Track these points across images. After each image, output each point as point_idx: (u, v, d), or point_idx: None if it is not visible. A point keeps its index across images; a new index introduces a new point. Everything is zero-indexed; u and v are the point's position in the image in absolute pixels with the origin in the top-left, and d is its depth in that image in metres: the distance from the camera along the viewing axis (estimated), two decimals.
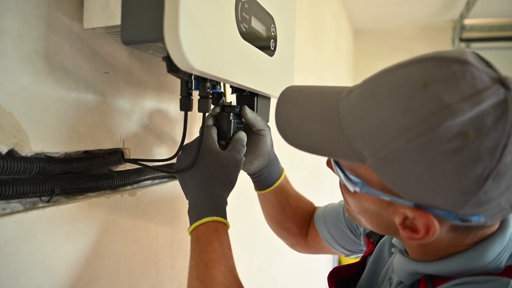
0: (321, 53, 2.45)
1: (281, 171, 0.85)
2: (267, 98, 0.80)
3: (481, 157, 0.38)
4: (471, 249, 0.47)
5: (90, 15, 0.54)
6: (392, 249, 0.60)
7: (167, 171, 0.69)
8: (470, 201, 0.40)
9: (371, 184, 0.47)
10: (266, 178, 0.82)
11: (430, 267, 0.50)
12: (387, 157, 0.42)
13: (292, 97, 0.55)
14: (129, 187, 0.72)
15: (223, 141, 0.71)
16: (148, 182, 0.78)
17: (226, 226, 0.61)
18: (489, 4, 3.17)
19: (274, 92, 0.74)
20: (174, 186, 0.83)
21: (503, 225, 0.49)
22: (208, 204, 0.60)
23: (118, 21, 0.49)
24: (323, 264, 3.19)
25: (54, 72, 0.54)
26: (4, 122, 0.47)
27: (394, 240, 0.61)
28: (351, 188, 0.50)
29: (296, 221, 0.90)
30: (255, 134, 0.76)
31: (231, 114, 0.70)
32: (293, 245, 0.95)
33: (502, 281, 0.44)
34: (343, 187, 0.54)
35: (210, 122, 0.70)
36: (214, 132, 0.68)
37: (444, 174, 0.40)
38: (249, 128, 0.76)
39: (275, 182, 0.83)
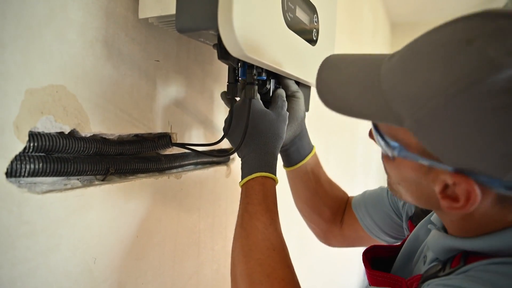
0: (358, 47, 2.43)
1: (311, 147, 0.84)
2: (308, 87, 0.82)
3: None
4: None
5: (145, 5, 0.57)
6: (429, 226, 0.59)
7: (216, 155, 0.73)
8: None
9: (410, 148, 0.45)
10: (297, 150, 0.81)
11: (468, 243, 0.48)
12: (426, 117, 0.40)
13: (334, 63, 0.55)
14: (175, 170, 0.75)
15: (263, 99, 0.72)
16: (192, 166, 0.81)
17: (274, 181, 0.65)
18: None
19: (315, 81, 0.76)
20: (215, 172, 0.86)
21: None
22: (259, 161, 0.64)
23: (172, 11, 0.52)
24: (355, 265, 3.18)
25: (112, 59, 0.57)
26: (68, 104, 0.52)
27: (433, 218, 0.60)
28: (390, 153, 0.49)
29: (330, 205, 0.87)
30: (289, 98, 0.76)
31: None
32: (325, 234, 0.91)
33: None
34: (383, 155, 0.54)
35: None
36: (257, 94, 0.69)
37: (487, 134, 0.37)
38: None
39: (306, 156, 0.82)
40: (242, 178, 0.65)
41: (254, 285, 0.54)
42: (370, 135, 0.56)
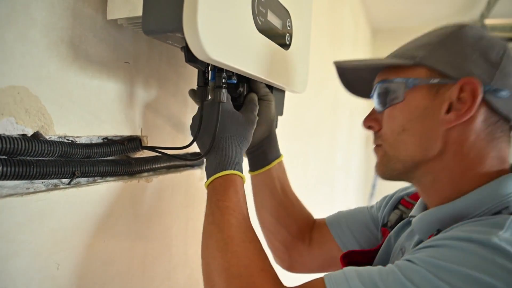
0: (338, 52, 2.45)
1: (279, 154, 0.82)
2: (282, 91, 0.82)
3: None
4: (488, 184, 0.54)
5: (113, 7, 0.56)
6: (410, 218, 0.64)
7: (189, 159, 0.72)
8: (496, 72, 0.53)
9: (421, 76, 0.57)
10: (264, 153, 0.80)
11: (449, 207, 0.55)
12: (438, 48, 0.57)
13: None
14: (145, 173, 0.74)
15: (236, 103, 0.72)
16: (164, 170, 0.80)
17: (242, 179, 0.64)
18: (511, 4, 3.11)
19: (288, 85, 0.76)
20: (188, 175, 0.85)
21: None
22: (226, 159, 0.62)
23: (139, 12, 0.52)
24: None
25: (78, 60, 0.56)
26: (31, 106, 0.50)
27: (413, 212, 0.66)
28: (401, 91, 0.59)
29: (297, 219, 0.84)
30: (259, 100, 0.75)
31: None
32: (289, 254, 0.86)
33: (503, 216, 0.49)
34: (388, 111, 0.62)
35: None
36: (228, 95, 0.68)
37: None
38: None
39: (273, 161, 0.80)
40: (209, 177, 0.63)
41: (233, 279, 0.52)
42: (367, 122, 0.66)
